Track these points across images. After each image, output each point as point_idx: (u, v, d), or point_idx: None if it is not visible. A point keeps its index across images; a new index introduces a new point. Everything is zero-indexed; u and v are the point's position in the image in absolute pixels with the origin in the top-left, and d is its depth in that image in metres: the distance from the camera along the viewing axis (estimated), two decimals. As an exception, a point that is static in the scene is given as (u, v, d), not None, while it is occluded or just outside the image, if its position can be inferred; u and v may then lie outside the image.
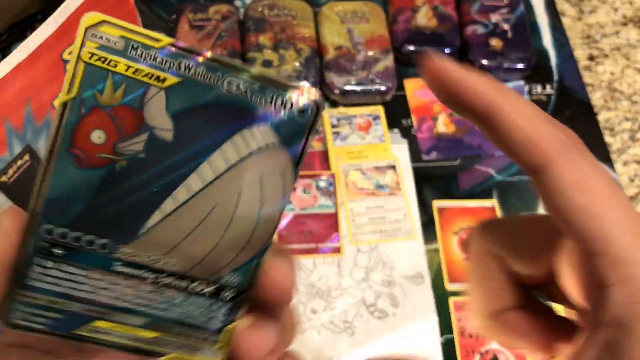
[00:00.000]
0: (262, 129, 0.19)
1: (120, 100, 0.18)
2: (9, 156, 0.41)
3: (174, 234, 0.20)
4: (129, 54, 0.18)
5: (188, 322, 0.21)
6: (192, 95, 0.18)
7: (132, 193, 0.19)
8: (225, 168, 0.19)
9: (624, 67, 0.67)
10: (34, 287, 0.20)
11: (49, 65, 0.40)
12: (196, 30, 0.61)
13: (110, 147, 0.18)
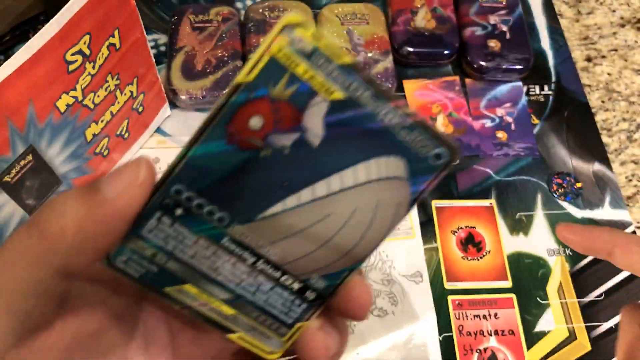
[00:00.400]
0: (396, 161, 0.21)
1: (288, 98, 0.20)
2: (12, 156, 0.41)
3: (285, 228, 0.21)
4: (312, 60, 0.19)
5: (267, 309, 0.23)
6: (349, 113, 0.20)
7: (264, 180, 0.20)
8: (352, 185, 0.21)
9: (621, 68, 0.67)
10: (145, 237, 0.21)
11: (51, 66, 0.41)
12: (197, 32, 0.61)
13: (262, 136, 0.20)
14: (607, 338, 0.52)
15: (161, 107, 0.58)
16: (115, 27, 0.45)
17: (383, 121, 0.20)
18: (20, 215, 0.45)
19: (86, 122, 0.47)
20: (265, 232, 0.21)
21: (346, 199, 0.21)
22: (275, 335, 0.23)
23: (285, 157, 0.20)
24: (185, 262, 0.21)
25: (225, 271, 0.22)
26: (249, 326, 0.23)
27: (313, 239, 0.22)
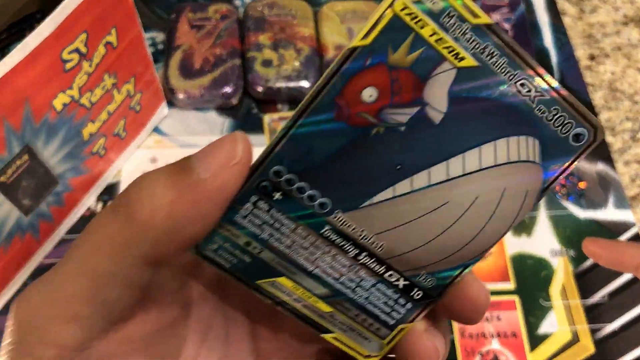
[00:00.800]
0: (530, 142, 0.18)
1: (410, 64, 0.17)
2: (7, 156, 0.41)
3: (394, 217, 0.19)
4: (441, 20, 0.17)
5: (367, 308, 0.20)
6: (481, 84, 0.17)
7: (374, 162, 0.18)
8: (475, 169, 0.18)
9: (625, 67, 0.67)
10: (239, 223, 0.19)
11: (48, 65, 0.40)
12: (196, 30, 0.61)
13: (376, 110, 0.18)
14: (611, 340, 0.51)
15: (159, 106, 0.57)
16: (113, 25, 0.44)
17: (518, 93, 0.18)
18: (16, 216, 0.45)
19: (83, 122, 0.47)
20: (371, 221, 0.19)
21: (468, 186, 0.18)
22: (374, 337, 0.21)
23: (401, 136, 0.18)
24: (281, 253, 0.20)
25: (324, 264, 0.20)
26: (347, 326, 0.21)
27: (425, 231, 0.19)
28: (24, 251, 0.48)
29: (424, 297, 0.20)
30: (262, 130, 0.60)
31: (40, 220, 0.48)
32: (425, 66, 0.17)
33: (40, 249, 0.50)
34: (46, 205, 0.48)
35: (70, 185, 0.50)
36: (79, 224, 0.53)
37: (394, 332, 0.21)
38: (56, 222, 0.51)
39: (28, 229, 0.47)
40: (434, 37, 0.17)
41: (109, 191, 0.55)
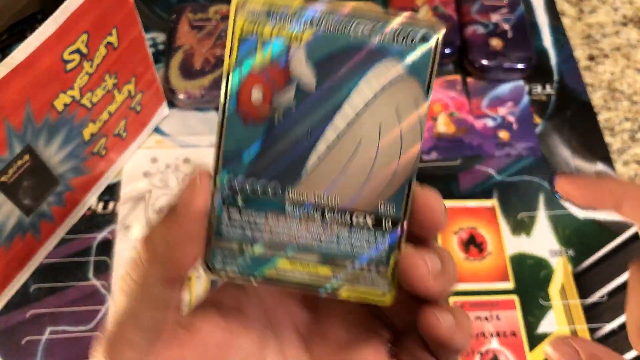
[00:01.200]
0: (390, 64, 0.21)
1: (269, 60, 0.21)
2: (9, 156, 0.41)
3: (330, 171, 0.22)
4: (271, 20, 0.21)
5: (357, 254, 0.23)
6: (326, 45, 0.21)
7: (291, 140, 0.22)
8: (363, 105, 0.22)
9: (624, 67, 0.67)
10: (225, 234, 0.23)
11: (49, 65, 0.40)
12: (196, 31, 0.61)
13: (268, 102, 0.22)
14: (610, 339, 0.51)
15: (159, 106, 0.57)
16: (113, 26, 0.44)
17: (358, 36, 0.21)
18: (17, 216, 0.45)
19: (84, 122, 0.47)
20: (316, 183, 0.22)
21: (366, 119, 0.22)
22: (379, 277, 0.23)
23: (296, 111, 0.22)
24: (268, 241, 0.23)
25: (303, 234, 0.23)
26: (351, 278, 0.23)
27: (359, 169, 0.22)
28: (25, 251, 0.48)
29: (394, 223, 0.23)
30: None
31: (41, 220, 0.48)
32: (280, 55, 0.21)
33: (41, 248, 0.50)
34: (47, 205, 0.48)
35: (71, 185, 0.50)
36: (79, 224, 0.53)
37: (390, 264, 0.23)
38: (57, 222, 0.51)
39: (29, 228, 0.47)
40: (273, 33, 0.21)
41: (110, 191, 0.55)
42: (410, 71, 0.22)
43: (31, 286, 0.50)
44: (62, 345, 0.48)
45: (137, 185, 0.56)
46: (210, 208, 0.22)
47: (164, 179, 0.56)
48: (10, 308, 0.49)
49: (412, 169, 0.22)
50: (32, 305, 0.50)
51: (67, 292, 0.50)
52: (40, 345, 0.48)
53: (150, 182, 0.56)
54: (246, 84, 0.22)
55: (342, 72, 0.21)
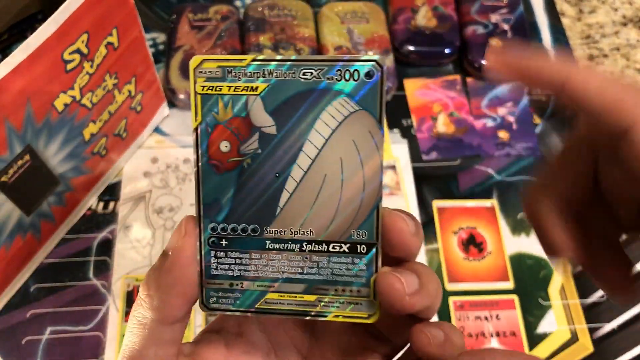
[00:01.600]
0: (341, 101, 0.23)
1: (231, 114, 0.24)
2: (9, 156, 0.41)
3: (302, 207, 0.24)
4: (227, 78, 0.23)
5: (338, 280, 0.25)
6: (280, 93, 0.23)
7: (261, 182, 0.24)
8: (323, 142, 0.23)
9: (623, 68, 0.67)
10: (216, 274, 0.25)
11: (49, 65, 0.40)
12: (196, 31, 0.61)
13: (235, 152, 0.24)
14: (609, 339, 0.51)
15: (160, 106, 0.57)
16: (114, 26, 0.45)
17: (307, 80, 0.23)
18: (17, 216, 0.45)
19: (84, 122, 0.47)
20: (290, 219, 0.24)
21: (328, 155, 0.24)
22: (362, 299, 0.24)
23: (262, 156, 0.24)
24: (254, 277, 0.25)
25: (285, 267, 0.25)
26: (336, 302, 0.25)
27: (328, 202, 0.24)
28: (26, 251, 0.49)
29: (369, 247, 0.24)
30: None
31: (42, 220, 0.48)
32: (240, 108, 0.24)
33: (42, 248, 0.50)
34: (47, 205, 0.48)
35: (72, 185, 0.50)
36: (80, 224, 0.53)
37: (371, 286, 0.24)
38: (58, 221, 0.51)
39: (29, 228, 0.47)
40: (231, 89, 0.23)
41: (110, 191, 0.55)
42: (361, 105, 0.23)
43: (31, 286, 0.50)
44: (62, 345, 0.48)
45: (138, 185, 0.56)
46: (199, 251, 0.25)
47: (164, 179, 0.56)
48: (11, 308, 0.49)
49: (378, 194, 0.24)
50: (33, 305, 0.50)
51: (67, 291, 0.50)
52: (41, 345, 0.48)
53: (150, 182, 0.56)
54: (214, 136, 0.24)
55: (299, 115, 0.23)
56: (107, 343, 0.49)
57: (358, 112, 0.23)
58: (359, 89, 0.23)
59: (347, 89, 0.23)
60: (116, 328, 0.49)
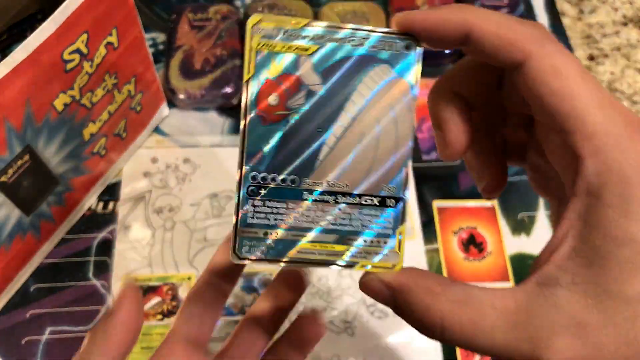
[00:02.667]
0: (382, 68, 0.26)
1: (282, 70, 0.25)
2: (8, 156, 0.41)
3: (340, 161, 0.26)
4: (282, 37, 0.25)
5: (367, 231, 0.26)
6: (329, 56, 0.26)
7: (304, 136, 0.26)
8: (364, 103, 0.26)
9: (624, 67, 0.67)
10: (251, 224, 0.26)
11: (49, 65, 0.40)
12: (196, 30, 0.61)
13: (283, 106, 0.26)
14: (609, 340, 0.51)
15: (159, 106, 0.57)
16: (113, 26, 0.45)
17: (354, 46, 0.26)
18: (17, 216, 0.45)
19: (84, 122, 0.47)
20: (328, 172, 0.26)
21: (367, 115, 0.26)
22: (388, 250, 0.26)
23: (308, 112, 0.26)
24: (289, 226, 0.26)
25: (320, 218, 0.26)
26: (364, 252, 0.26)
27: (364, 158, 0.26)
28: (25, 251, 0.49)
29: (397, 201, 0.26)
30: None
31: (42, 220, 0.48)
32: (291, 66, 0.25)
33: (41, 248, 0.50)
34: (47, 205, 0.48)
35: (71, 185, 0.50)
36: (79, 224, 0.53)
37: (397, 237, 0.26)
38: (57, 222, 0.51)
39: (29, 228, 0.47)
40: (284, 48, 0.25)
41: (110, 191, 0.55)
42: (400, 73, 0.26)
43: (31, 286, 0.50)
44: (62, 345, 0.48)
45: (137, 185, 0.56)
46: (237, 200, 0.26)
47: (164, 179, 0.56)
48: (10, 308, 0.49)
49: (409, 154, 0.26)
50: (32, 305, 0.50)
51: (67, 292, 0.50)
52: (40, 345, 0.48)
53: (150, 182, 0.56)
54: (264, 90, 0.25)
55: (343, 77, 0.26)
56: (106, 343, 0.49)
57: (396, 79, 0.26)
58: (398, 59, 0.26)
59: (387, 58, 0.26)
60: (116, 328, 0.49)
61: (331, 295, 0.52)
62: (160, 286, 0.51)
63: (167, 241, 0.54)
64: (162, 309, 0.50)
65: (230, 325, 0.50)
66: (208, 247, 0.54)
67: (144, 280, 0.51)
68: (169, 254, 0.53)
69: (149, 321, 0.50)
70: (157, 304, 0.50)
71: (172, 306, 0.51)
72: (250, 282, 0.52)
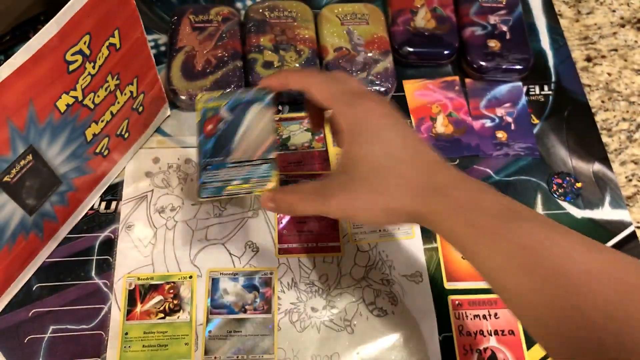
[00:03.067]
0: (258, 103, 0.48)
1: (212, 114, 0.48)
2: (12, 156, 0.41)
3: (242, 146, 0.47)
4: (212, 100, 0.49)
5: (259, 176, 0.46)
6: (233, 103, 0.48)
7: (225, 138, 0.47)
8: (251, 119, 0.48)
9: (621, 68, 0.67)
10: (204, 182, 0.46)
11: (51, 66, 0.41)
12: (197, 32, 0.61)
13: (215, 127, 0.48)
14: (607, 338, 0.52)
15: (161, 107, 0.58)
16: (116, 27, 0.45)
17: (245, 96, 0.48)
18: (20, 215, 0.45)
19: (86, 122, 0.47)
20: (238, 153, 0.47)
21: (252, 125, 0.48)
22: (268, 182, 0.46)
23: (225, 128, 0.48)
24: (223, 180, 0.46)
25: (236, 174, 0.46)
26: (257, 185, 0.46)
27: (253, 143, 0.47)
28: (28, 250, 0.49)
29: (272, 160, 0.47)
30: (263, 130, 0.61)
31: (45, 220, 0.49)
32: (216, 111, 0.48)
33: (44, 247, 0.51)
34: (50, 205, 0.48)
35: (74, 185, 0.50)
36: (82, 223, 0.54)
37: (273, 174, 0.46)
38: (60, 221, 0.51)
39: (32, 228, 0.48)
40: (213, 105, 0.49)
41: (112, 191, 0.56)
42: (266, 104, 0.48)
43: (34, 285, 0.51)
44: (64, 343, 0.49)
45: (139, 185, 0.56)
46: (199, 173, 0.47)
47: (166, 179, 0.57)
48: (13, 307, 0.50)
49: (274, 138, 0.47)
50: (35, 304, 0.50)
51: (69, 290, 0.51)
52: (43, 343, 0.49)
53: (152, 182, 0.57)
54: (206, 122, 0.48)
55: (240, 111, 0.48)
56: (109, 342, 0.49)
57: (264, 107, 0.48)
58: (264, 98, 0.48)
59: (260, 99, 0.48)
60: (118, 327, 0.50)
61: (331, 293, 0.52)
62: (161, 285, 0.52)
63: (169, 240, 0.54)
64: (164, 307, 0.51)
65: (231, 324, 0.51)
66: (209, 246, 0.54)
67: (145, 279, 0.52)
68: (170, 253, 0.54)
69: (150, 319, 0.50)
70: (158, 302, 0.51)
71: (174, 304, 0.51)
72: (252, 280, 0.53)
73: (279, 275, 0.53)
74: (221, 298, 0.52)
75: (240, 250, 0.54)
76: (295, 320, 0.51)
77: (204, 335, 0.50)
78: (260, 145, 0.46)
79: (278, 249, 0.54)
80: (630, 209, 0.59)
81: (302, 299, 0.52)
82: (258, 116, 0.47)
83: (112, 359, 0.49)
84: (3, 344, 0.49)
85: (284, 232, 0.55)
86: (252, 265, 0.53)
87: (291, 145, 0.60)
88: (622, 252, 0.36)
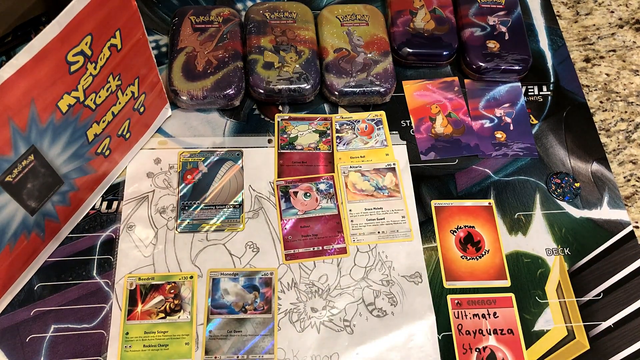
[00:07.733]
0: (229, 162, 0.59)
1: (191, 167, 0.58)
2: (13, 156, 0.42)
3: (215, 195, 0.56)
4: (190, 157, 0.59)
5: (230, 217, 0.56)
6: (210, 160, 0.59)
7: (202, 186, 0.57)
8: (223, 173, 0.58)
9: (619, 69, 0.68)
10: (183, 219, 0.55)
11: (53, 67, 0.41)
12: (198, 33, 0.61)
13: (193, 178, 0.58)
14: (606, 337, 0.52)
15: (162, 107, 0.58)
16: (117, 28, 0.45)
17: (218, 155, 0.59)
18: (21, 215, 0.46)
19: (88, 123, 0.48)
20: (211, 198, 0.56)
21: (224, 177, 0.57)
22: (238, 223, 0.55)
23: (201, 179, 0.57)
24: (197, 219, 0.55)
25: (210, 215, 0.55)
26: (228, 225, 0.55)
27: (226, 191, 0.56)
28: (30, 249, 0.49)
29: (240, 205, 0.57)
30: (265, 130, 0.61)
31: (46, 219, 0.49)
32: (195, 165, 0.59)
33: (46, 247, 0.51)
34: (52, 205, 0.49)
35: (76, 185, 0.50)
36: (83, 223, 0.54)
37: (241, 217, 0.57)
38: (62, 221, 0.51)
39: (34, 227, 0.48)
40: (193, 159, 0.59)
41: (114, 191, 0.56)
42: (235, 161, 0.57)
43: (36, 284, 0.51)
44: (66, 342, 0.49)
45: (141, 185, 0.57)
46: (177, 212, 0.56)
47: (167, 180, 0.57)
48: (15, 306, 0.50)
49: (241, 189, 0.57)
50: (37, 303, 0.50)
51: (71, 290, 0.51)
52: (45, 342, 0.49)
53: (153, 182, 0.57)
54: (186, 174, 0.57)
55: (214, 166, 0.58)
56: (110, 340, 0.49)
57: (234, 165, 0.58)
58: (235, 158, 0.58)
59: (231, 158, 0.58)
60: (119, 326, 0.50)
61: (331, 294, 0.53)
62: (162, 285, 0.52)
63: (170, 240, 0.54)
64: (165, 307, 0.51)
65: (231, 324, 0.51)
66: (210, 247, 0.54)
67: (146, 279, 0.52)
68: (171, 253, 0.54)
69: (151, 319, 0.50)
70: (159, 302, 0.51)
71: (175, 304, 0.51)
72: (252, 280, 0.53)
73: (279, 276, 0.53)
74: (221, 298, 0.52)
75: (241, 251, 0.54)
76: (295, 320, 0.52)
77: (205, 335, 0.50)
78: (232, 194, 0.57)
79: (285, 255, 0.54)
80: (628, 209, 0.59)
81: (302, 299, 0.52)
82: (229, 170, 0.58)
83: (112, 358, 0.49)
84: (5, 343, 0.49)
85: (288, 237, 0.55)
86: (252, 266, 0.54)
87: (297, 145, 0.60)
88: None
